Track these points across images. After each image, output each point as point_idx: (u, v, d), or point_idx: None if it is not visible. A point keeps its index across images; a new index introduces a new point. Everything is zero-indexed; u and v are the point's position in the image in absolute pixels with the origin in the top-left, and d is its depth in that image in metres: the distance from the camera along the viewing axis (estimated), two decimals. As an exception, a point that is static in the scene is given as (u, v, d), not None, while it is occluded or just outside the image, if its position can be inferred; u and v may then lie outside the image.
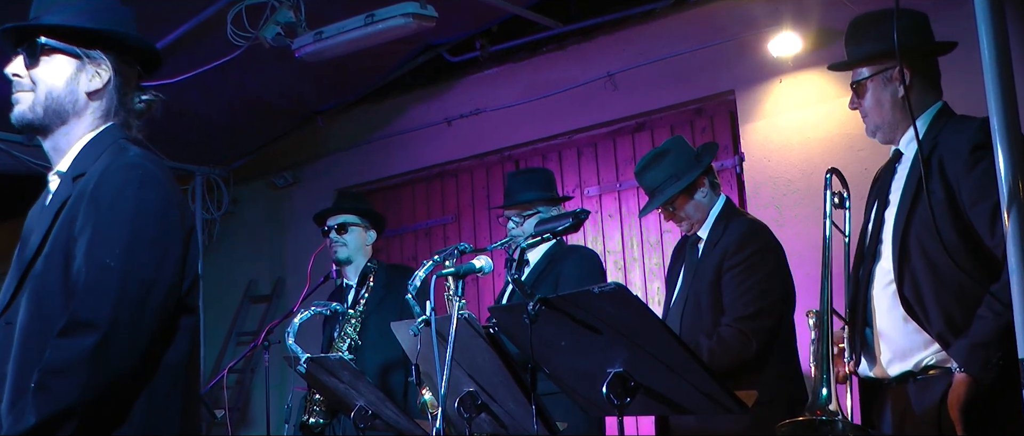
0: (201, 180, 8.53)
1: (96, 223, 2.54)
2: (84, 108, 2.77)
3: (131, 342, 2.47)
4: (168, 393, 2.61)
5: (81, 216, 2.57)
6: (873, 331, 3.41)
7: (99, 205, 2.56)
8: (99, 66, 2.77)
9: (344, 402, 4.49)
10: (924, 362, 3.29)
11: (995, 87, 2.32)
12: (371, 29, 5.64)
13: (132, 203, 2.57)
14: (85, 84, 2.76)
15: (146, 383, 2.56)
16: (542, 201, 4.96)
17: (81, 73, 2.76)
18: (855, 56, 3.56)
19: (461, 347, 3.18)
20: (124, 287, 2.48)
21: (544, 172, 5.25)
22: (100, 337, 2.42)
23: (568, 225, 3.36)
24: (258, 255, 8.90)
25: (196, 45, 6.05)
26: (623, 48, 6.81)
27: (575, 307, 2.84)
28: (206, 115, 7.14)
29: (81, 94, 2.76)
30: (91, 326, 2.42)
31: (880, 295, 3.40)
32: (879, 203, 3.52)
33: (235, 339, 8.76)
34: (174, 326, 2.64)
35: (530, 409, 3.08)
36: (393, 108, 8.02)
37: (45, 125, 2.77)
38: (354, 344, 5.42)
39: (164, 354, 2.61)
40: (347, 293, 5.67)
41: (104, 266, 2.48)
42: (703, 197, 4.33)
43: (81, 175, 2.67)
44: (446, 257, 3.73)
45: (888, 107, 3.50)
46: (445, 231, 7.86)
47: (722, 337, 4.03)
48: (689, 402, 2.93)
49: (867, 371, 3.45)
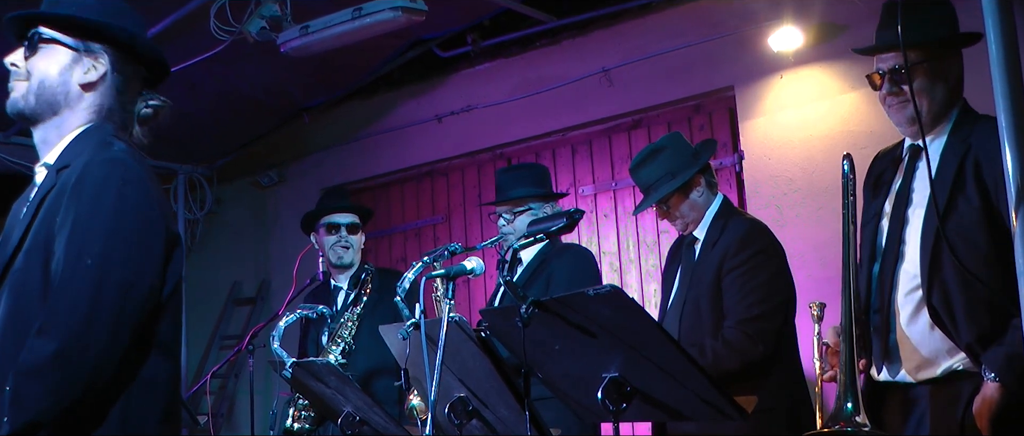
0: (183, 179, 8.51)
1: (75, 219, 2.54)
2: (77, 100, 2.79)
3: (107, 344, 2.46)
4: (147, 398, 2.60)
5: (62, 211, 2.57)
6: (895, 335, 3.38)
7: (80, 201, 2.56)
8: (96, 59, 2.81)
9: (331, 408, 4.48)
10: (951, 368, 3.28)
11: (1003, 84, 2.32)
12: (359, 23, 5.63)
13: (113, 200, 2.57)
14: (79, 76, 2.79)
15: (123, 388, 2.55)
16: (534, 198, 4.95)
17: (77, 65, 2.80)
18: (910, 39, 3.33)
19: (451, 351, 3.18)
20: (100, 287, 2.47)
21: (537, 168, 5.24)
22: (73, 340, 2.41)
23: (562, 225, 3.34)
24: (242, 256, 8.89)
25: (178, 40, 6.04)
26: (619, 43, 6.80)
27: (569, 310, 2.83)
28: (188, 112, 7.11)
29: (74, 85, 2.79)
30: (65, 328, 2.42)
31: (904, 300, 3.37)
32: (897, 201, 3.48)
33: (218, 343, 8.76)
34: (154, 330, 2.63)
35: (523, 415, 3.07)
36: (381, 105, 8.01)
37: (36, 114, 2.80)
38: (348, 348, 5.40)
39: (143, 359, 2.60)
40: (336, 295, 5.66)
41: (81, 265, 2.48)
42: (699, 196, 4.32)
43: (66, 167, 2.67)
44: (436, 258, 3.73)
45: (939, 97, 3.40)
46: (435, 231, 7.85)
47: (727, 339, 4.02)
48: (687, 408, 2.92)
49: (888, 375, 3.42)
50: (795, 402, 4.07)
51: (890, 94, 3.45)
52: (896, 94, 3.44)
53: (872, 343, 3.45)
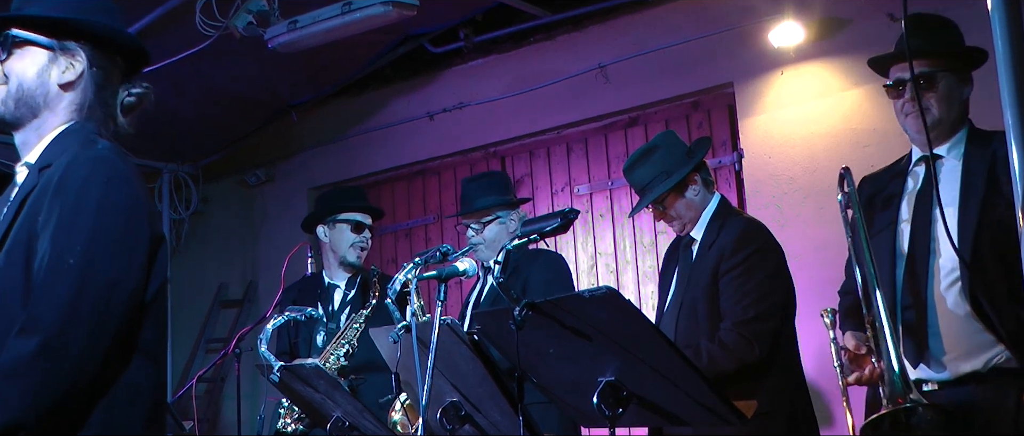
0: (169, 178, 8.50)
1: (59, 218, 2.53)
2: (56, 101, 2.79)
3: (88, 345, 2.46)
4: (130, 403, 2.59)
5: (45, 210, 2.57)
6: (934, 329, 3.44)
7: (63, 199, 2.56)
8: (73, 57, 2.79)
9: (319, 413, 4.48)
10: (993, 362, 3.36)
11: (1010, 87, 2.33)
12: (348, 18, 5.63)
13: (96, 199, 2.57)
14: (57, 76, 2.78)
15: (105, 391, 2.55)
16: (500, 206, 4.99)
17: (53, 65, 2.78)
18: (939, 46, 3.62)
19: (444, 355, 3.17)
20: (83, 287, 2.47)
21: (499, 176, 5.31)
22: (54, 339, 2.41)
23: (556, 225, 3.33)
24: (229, 257, 8.88)
25: (163, 35, 6.03)
26: (615, 38, 6.80)
27: (564, 312, 2.83)
28: (174, 109, 7.11)
29: (53, 86, 2.78)
30: (46, 327, 2.41)
31: (945, 293, 3.44)
32: (918, 204, 3.57)
33: (204, 346, 8.74)
34: (137, 333, 2.63)
35: (517, 420, 3.07)
36: (372, 102, 8.01)
37: (17, 120, 2.79)
38: (351, 351, 5.39)
39: (126, 363, 2.60)
40: (331, 293, 5.65)
41: (63, 264, 2.48)
42: (695, 195, 4.31)
43: (48, 166, 2.67)
44: (428, 259, 3.72)
45: (957, 106, 3.59)
46: (427, 232, 7.85)
47: (723, 341, 4.02)
48: (685, 413, 2.92)
49: (930, 371, 3.47)
50: (794, 406, 4.07)
51: (912, 100, 3.57)
52: (917, 99, 3.54)
53: (904, 342, 3.50)
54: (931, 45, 3.58)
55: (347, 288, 5.63)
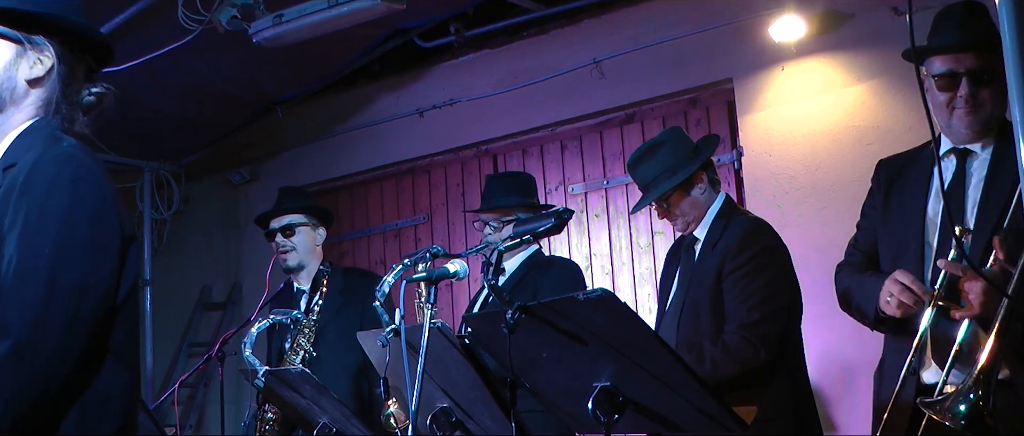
0: (150, 177, 8.50)
1: (26, 219, 2.52)
2: (23, 97, 2.77)
3: (59, 349, 2.45)
4: (102, 410, 2.59)
5: (11, 211, 2.55)
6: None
7: (30, 200, 2.54)
8: (42, 53, 2.77)
9: (305, 419, 4.47)
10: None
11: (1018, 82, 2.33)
12: (335, 12, 5.62)
13: (64, 198, 2.55)
14: (25, 71, 2.76)
15: (78, 394, 2.54)
16: (522, 207, 4.96)
17: (22, 59, 2.76)
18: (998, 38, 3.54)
19: (434, 359, 3.17)
20: (52, 290, 2.46)
21: (526, 177, 5.26)
22: (24, 343, 2.40)
23: (550, 226, 3.34)
24: (212, 258, 8.88)
25: (144, 29, 6.02)
26: (611, 32, 6.80)
27: (558, 315, 2.83)
28: (155, 106, 7.10)
29: (20, 81, 2.76)
30: (15, 331, 2.40)
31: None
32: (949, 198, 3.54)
33: (187, 350, 8.74)
34: (108, 336, 2.62)
35: (509, 427, 3.07)
36: (360, 98, 8.01)
37: None
38: (308, 356, 5.37)
39: (98, 367, 2.59)
40: (299, 298, 5.64)
41: (31, 266, 2.46)
42: (701, 194, 4.31)
43: (12, 166, 2.65)
44: (417, 260, 3.72)
45: (1005, 102, 3.47)
46: (416, 232, 7.85)
47: (727, 344, 4.01)
48: (683, 419, 2.92)
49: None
50: (799, 411, 4.06)
51: (969, 95, 3.52)
52: (971, 93, 3.53)
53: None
54: (990, 37, 3.44)
55: (311, 293, 5.61)
